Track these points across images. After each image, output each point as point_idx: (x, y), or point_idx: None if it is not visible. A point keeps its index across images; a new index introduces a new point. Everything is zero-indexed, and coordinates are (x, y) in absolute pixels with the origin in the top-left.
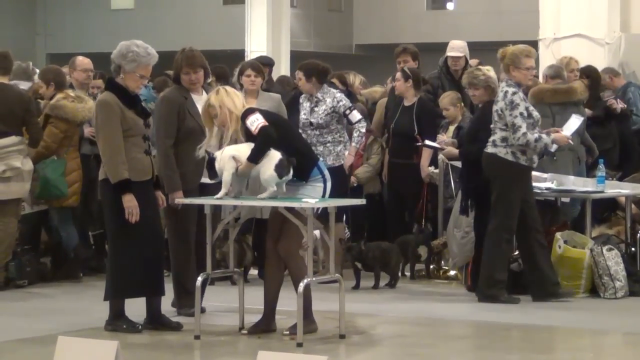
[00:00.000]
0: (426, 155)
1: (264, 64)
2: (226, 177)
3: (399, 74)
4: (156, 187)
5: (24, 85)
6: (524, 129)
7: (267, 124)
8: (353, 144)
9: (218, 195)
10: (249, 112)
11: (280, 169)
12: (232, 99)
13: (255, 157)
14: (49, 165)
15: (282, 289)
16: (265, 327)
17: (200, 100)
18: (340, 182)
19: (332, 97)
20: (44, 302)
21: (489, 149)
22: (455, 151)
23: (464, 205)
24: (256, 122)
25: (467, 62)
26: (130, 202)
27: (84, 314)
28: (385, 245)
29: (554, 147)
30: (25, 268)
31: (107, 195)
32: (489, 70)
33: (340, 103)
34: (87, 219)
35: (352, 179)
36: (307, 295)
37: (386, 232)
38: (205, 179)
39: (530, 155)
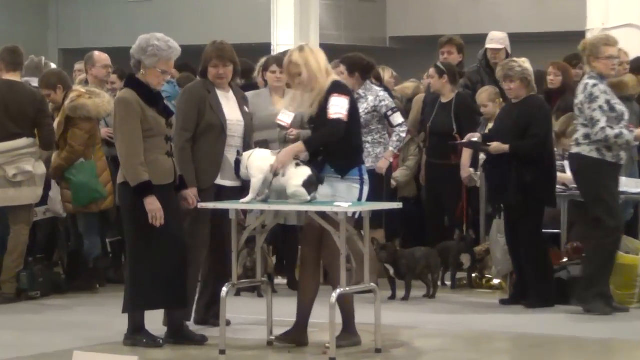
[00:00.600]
0: (466, 155)
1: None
2: (256, 182)
3: (432, 70)
4: (182, 188)
5: (36, 82)
6: (602, 124)
7: (345, 119)
8: (390, 148)
9: (245, 199)
10: (340, 89)
11: (308, 186)
12: (317, 59)
13: (314, 145)
14: (79, 170)
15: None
16: (295, 338)
17: (225, 97)
18: (376, 186)
19: (375, 96)
20: (58, 315)
21: (573, 149)
22: (504, 147)
23: (495, 207)
24: (339, 108)
25: (508, 55)
26: (152, 205)
27: (101, 328)
28: (421, 252)
29: (636, 143)
30: (37, 278)
31: (126, 200)
32: (525, 62)
33: (383, 103)
34: (104, 226)
35: (392, 181)
36: (349, 307)
37: (424, 238)
38: (222, 181)
39: (616, 151)
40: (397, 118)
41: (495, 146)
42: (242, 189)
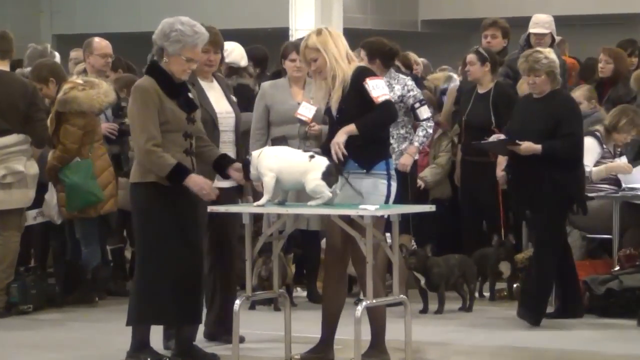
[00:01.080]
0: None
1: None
2: (268, 181)
3: (472, 57)
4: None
5: None
6: None
7: (390, 98)
8: (415, 143)
9: (260, 202)
10: (370, 72)
11: (328, 177)
12: (336, 44)
13: (368, 127)
14: (73, 170)
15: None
16: (321, 355)
17: (211, 88)
18: (400, 185)
19: (403, 85)
20: (52, 331)
21: None
22: (536, 147)
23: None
24: (381, 89)
25: (553, 40)
26: (195, 183)
27: (99, 346)
28: (455, 260)
29: None
30: (30, 290)
31: (138, 201)
32: (551, 53)
33: (411, 93)
34: (104, 231)
35: (419, 181)
36: (380, 321)
37: (459, 244)
38: (217, 182)
39: None
40: (424, 111)
41: (527, 146)
42: (239, 189)
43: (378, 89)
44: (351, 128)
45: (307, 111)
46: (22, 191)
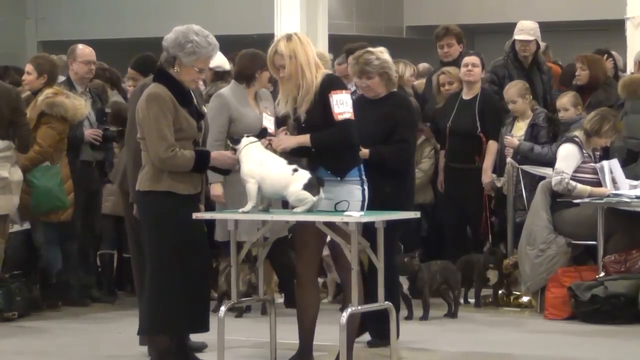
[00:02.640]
0: (490, 159)
1: None
2: (251, 187)
3: (476, 59)
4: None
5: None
6: None
7: (353, 117)
8: None
9: (245, 209)
10: (337, 83)
11: (310, 189)
12: (306, 51)
13: (321, 144)
14: (44, 173)
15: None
16: None
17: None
18: None
19: None
20: (37, 337)
21: None
22: (364, 151)
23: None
24: (344, 106)
25: (538, 47)
26: (219, 159)
27: (84, 353)
28: (437, 266)
29: None
30: (15, 297)
31: (148, 209)
32: (384, 53)
33: None
34: (88, 239)
35: None
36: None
37: (441, 250)
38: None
39: None
40: None
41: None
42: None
43: (341, 105)
44: (304, 139)
45: (269, 123)
46: (7, 197)
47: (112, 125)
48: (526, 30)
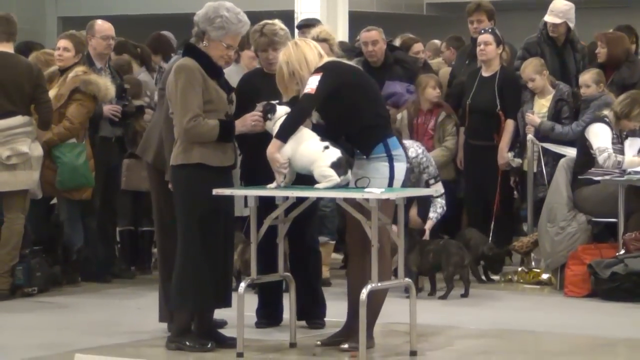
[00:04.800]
0: (507, 138)
1: (307, 27)
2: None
3: (489, 37)
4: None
5: None
6: None
7: (314, 92)
8: (433, 218)
9: (272, 185)
10: (322, 67)
11: (337, 168)
12: (302, 52)
13: (287, 132)
14: (71, 150)
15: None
16: (343, 340)
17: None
18: None
19: (415, 154)
20: (58, 313)
21: None
22: None
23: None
24: (309, 85)
25: (569, 29)
26: (243, 124)
27: (104, 328)
28: (435, 245)
29: None
30: (35, 273)
31: (180, 183)
32: (281, 23)
33: (426, 169)
34: (108, 215)
35: None
36: (373, 306)
37: (459, 226)
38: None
39: None
40: (439, 187)
41: None
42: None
43: (309, 84)
44: (275, 144)
45: None
46: (27, 173)
47: (134, 99)
48: (555, 12)
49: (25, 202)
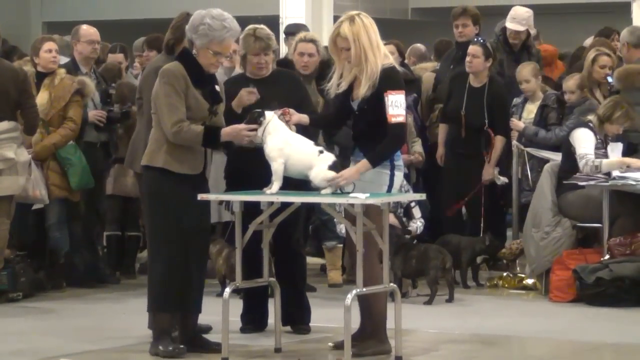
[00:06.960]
0: (495, 154)
1: (293, 34)
2: (278, 167)
3: (478, 49)
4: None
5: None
6: None
7: (405, 120)
8: (414, 232)
9: (272, 190)
10: (394, 83)
11: (334, 171)
12: (368, 34)
13: (380, 159)
14: (75, 151)
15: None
16: (355, 343)
17: None
18: None
19: None
20: (43, 319)
21: None
22: None
23: None
24: (398, 109)
25: (529, 35)
26: (230, 134)
27: (89, 334)
28: (418, 251)
29: None
30: (19, 278)
31: (149, 184)
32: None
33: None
34: (92, 219)
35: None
36: (378, 310)
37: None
38: None
39: None
40: (416, 212)
41: None
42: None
43: (396, 107)
44: (365, 166)
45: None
46: (12, 178)
47: (118, 104)
48: (518, 20)
49: (10, 208)
